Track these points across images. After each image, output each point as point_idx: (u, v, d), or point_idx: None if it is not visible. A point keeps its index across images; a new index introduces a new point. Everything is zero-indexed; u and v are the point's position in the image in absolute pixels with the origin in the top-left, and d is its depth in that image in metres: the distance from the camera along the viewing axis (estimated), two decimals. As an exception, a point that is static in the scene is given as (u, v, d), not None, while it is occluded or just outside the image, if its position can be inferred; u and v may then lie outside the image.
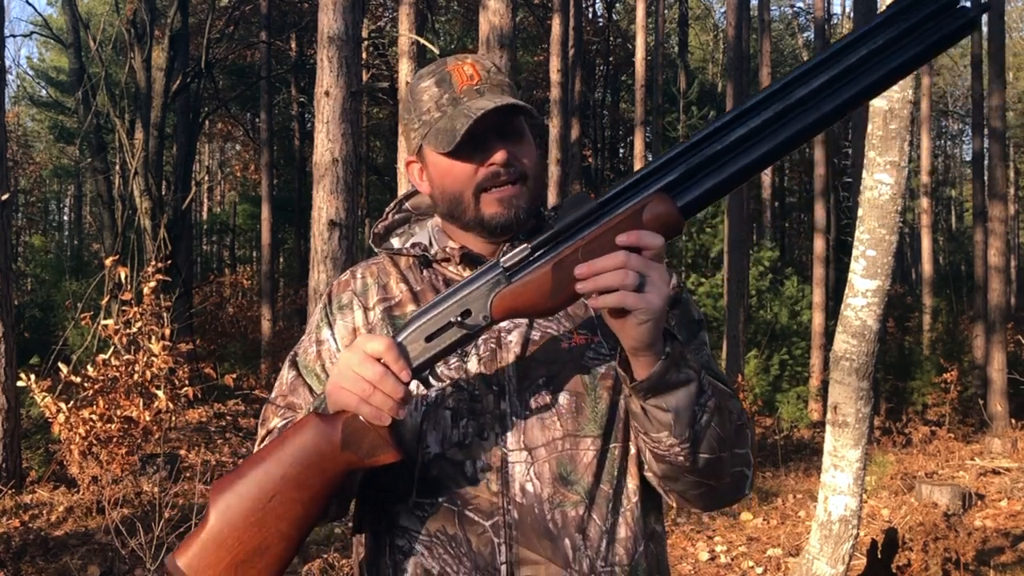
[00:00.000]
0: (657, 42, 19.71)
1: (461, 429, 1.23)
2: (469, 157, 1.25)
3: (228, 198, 30.80)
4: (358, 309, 1.34)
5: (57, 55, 26.47)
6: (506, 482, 1.21)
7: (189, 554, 1.14)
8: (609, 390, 1.26)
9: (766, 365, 13.59)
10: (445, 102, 1.26)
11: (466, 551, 1.21)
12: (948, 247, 28.10)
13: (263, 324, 15.97)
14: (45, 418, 7.02)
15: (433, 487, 1.23)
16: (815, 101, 1.05)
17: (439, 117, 1.26)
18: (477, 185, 1.26)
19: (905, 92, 4.02)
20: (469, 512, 1.21)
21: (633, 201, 1.09)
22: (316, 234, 6.76)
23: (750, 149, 1.07)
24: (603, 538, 1.23)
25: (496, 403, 1.24)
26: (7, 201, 7.13)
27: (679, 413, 1.13)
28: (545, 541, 1.21)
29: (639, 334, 1.08)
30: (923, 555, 5.26)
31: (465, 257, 1.30)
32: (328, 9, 6.73)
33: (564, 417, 1.24)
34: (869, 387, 4.20)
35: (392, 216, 1.42)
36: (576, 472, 1.23)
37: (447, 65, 1.29)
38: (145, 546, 4.55)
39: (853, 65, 1.04)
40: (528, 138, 1.29)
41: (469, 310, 1.14)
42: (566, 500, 1.22)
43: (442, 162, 1.27)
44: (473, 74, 1.27)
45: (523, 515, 1.21)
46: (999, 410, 11.57)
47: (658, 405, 1.13)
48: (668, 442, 1.16)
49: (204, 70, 15.23)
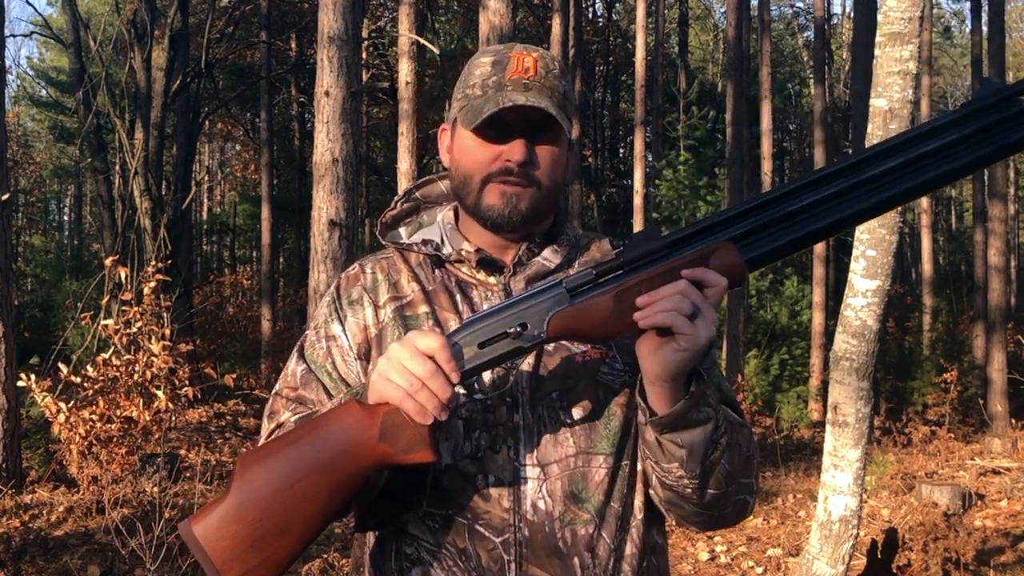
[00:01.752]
0: (657, 42, 19.71)
1: (474, 441, 1.22)
2: (490, 144, 1.24)
3: (228, 198, 30.78)
4: (368, 306, 1.31)
5: (57, 55, 26.47)
6: (518, 499, 1.20)
7: (206, 523, 1.09)
8: (623, 407, 1.25)
9: (766, 365, 13.59)
10: (491, 84, 1.25)
11: (475, 566, 1.20)
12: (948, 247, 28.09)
13: (263, 324, 15.96)
14: (45, 418, 7.02)
15: (445, 498, 1.21)
16: (883, 183, 1.09)
17: (479, 96, 1.25)
18: (487, 173, 1.25)
19: (905, 92, 4.02)
20: (480, 527, 1.20)
21: (701, 245, 1.11)
22: (316, 234, 6.76)
23: (818, 217, 1.10)
24: (611, 556, 1.23)
25: (509, 415, 1.23)
26: (7, 201, 7.13)
27: (693, 450, 1.14)
28: (555, 560, 1.20)
29: (673, 362, 1.07)
30: (923, 555, 5.26)
31: (481, 261, 1.28)
32: (328, 9, 6.73)
33: (577, 433, 1.23)
34: (869, 387, 4.20)
35: (401, 205, 1.39)
36: (588, 490, 1.22)
37: (512, 50, 1.28)
38: (145, 546, 4.55)
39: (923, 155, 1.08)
40: (558, 149, 1.27)
41: (526, 323, 1.13)
42: (577, 519, 1.21)
43: (466, 139, 1.26)
44: (531, 67, 1.25)
45: (534, 533, 1.20)
46: (999, 410, 11.57)
47: (673, 440, 1.13)
48: (677, 474, 1.16)
49: (204, 70, 15.23)
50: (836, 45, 26.35)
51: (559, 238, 1.33)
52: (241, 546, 1.08)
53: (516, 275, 1.30)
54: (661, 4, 19.70)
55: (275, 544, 1.09)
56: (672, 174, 15.60)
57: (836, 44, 26.39)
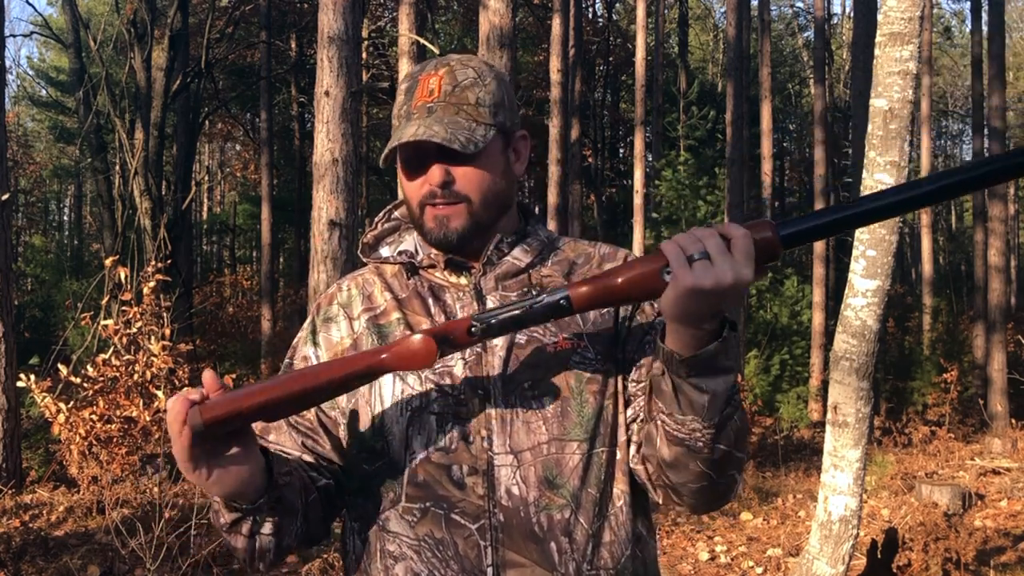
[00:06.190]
0: (657, 42, 19.71)
1: (447, 433, 1.24)
2: (413, 173, 1.28)
3: (228, 198, 30.80)
4: (343, 320, 1.35)
5: (57, 55, 26.48)
6: (492, 485, 1.22)
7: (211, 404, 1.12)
8: (595, 394, 1.27)
9: (766, 365, 13.60)
10: (403, 114, 1.29)
11: (453, 554, 1.21)
12: (948, 247, 28.08)
13: (263, 324, 15.97)
14: (45, 418, 7.01)
15: (421, 491, 1.23)
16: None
17: (396, 127, 1.29)
18: (420, 200, 1.28)
19: (905, 92, 4.02)
20: (455, 515, 1.22)
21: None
22: (316, 234, 6.76)
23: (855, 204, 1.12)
24: (589, 542, 1.23)
25: (482, 407, 1.24)
26: (7, 201, 7.13)
27: (716, 397, 1.14)
28: (531, 544, 1.21)
29: (666, 300, 1.08)
30: (923, 555, 5.26)
31: (450, 263, 1.31)
32: (328, 9, 6.73)
33: (550, 421, 1.24)
34: (869, 387, 4.20)
35: (381, 225, 1.41)
36: (562, 475, 1.23)
37: (423, 71, 1.30)
38: (145, 546, 4.54)
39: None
40: (484, 156, 1.26)
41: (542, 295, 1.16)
42: (552, 503, 1.23)
43: (400, 172, 1.31)
44: (435, 88, 1.26)
45: (509, 518, 1.21)
46: (999, 410, 11.57)
47: (698, 385, 1.13)
48: (692, 425, 1.16)
49: (204, 70, 15.23)
50: (836, 45, 26.35)
51: (527, 238, 1.34)
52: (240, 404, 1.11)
53: (486, 275, 1.31)
54: (661, 4, 19.71)
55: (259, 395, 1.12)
56: (672, 174, 15.60)
57: (836, 44, 26.40)
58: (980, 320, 13.52)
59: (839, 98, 25.19)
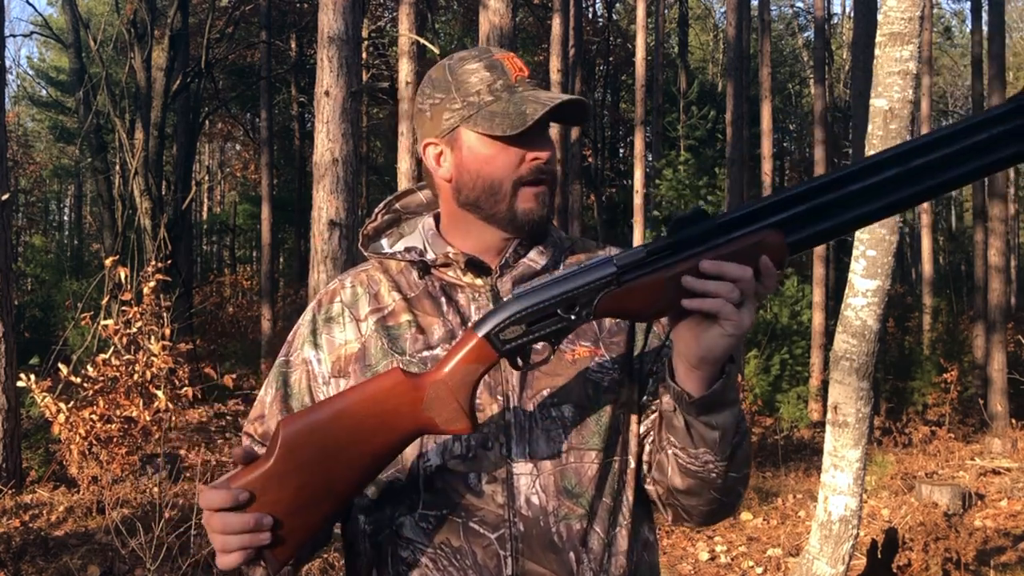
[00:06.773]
0: (657, 42, 19.71)
1: (464, 441, 1.22)
2: (520, 147, 1.23)
3: (228, 198, 30.79)
4: (349, 322, 1.30)
5: (57, 55, 26.48)
6: (511, 494, 1.20)
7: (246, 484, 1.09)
8: (612, 403, 1.26)
9: (766, 365, 13.58)
10: (500, 88, 1.23)
11: (471, 563, 1.20)
12: (948, 247, 28.06)
13: (263, 324, 15.96)
14: (45, 418, 7.01)
15: (438, 499, 1.21)
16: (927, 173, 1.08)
17: (491, 101, 1.23)
18: (519, 177, 1.24)
19: (905, 92, 4.02)
20: (474, 524, 1.20)
21: (750, 229, 1.11)
22: (316, 234, 6.76)
23: (860, 204, 1.09)
24: (605, 551, 1.23)
25: (500, 414, 1.23)
26: (7, 201, 7.13)
27: (726, 431, 1.15)
28: (550, 554, 1.20)
29: (719, 346, 1.08)
30: (923, 555, 5.26)
31: (469, 263, 1.27)
32: (328, 9, 6.73)
33: (569, 430, 1.23)
34: (869, 387, 4.20)
35: (381, 217, 1.38)
36: (580, 485, 1.23)
37: (493, 54, 1.27)
38: (145, 546, 4.54)
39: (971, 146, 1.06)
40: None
41: (575, 304, 1.13)
42: (571, 513, 1.22)
43: (487, 147, 1.24)
44: (523, 67, 1.26)
45: (528, 528, 1.20)
46: (999, 410, 11.56)
47: (708, 422, 1.14)
48: (705, 458, 1.17)
49: (204, 70, 15.23)
50: (836, 45, 26.35)
51: (544, 239, 1.33)
52: (283, 512, 1.09)
53: (503, 276, 1.29)
54: (661, 4, 19.70)
55: (315, 509, 1.11)
56: (672, 174, 15.60)
57: (836, 44, 26.40)
58: (980, 320, 13.51)
59: (839, 98, 25.19)
